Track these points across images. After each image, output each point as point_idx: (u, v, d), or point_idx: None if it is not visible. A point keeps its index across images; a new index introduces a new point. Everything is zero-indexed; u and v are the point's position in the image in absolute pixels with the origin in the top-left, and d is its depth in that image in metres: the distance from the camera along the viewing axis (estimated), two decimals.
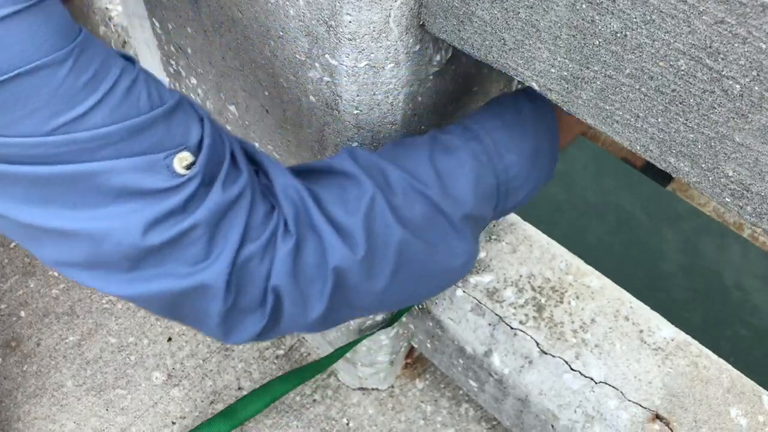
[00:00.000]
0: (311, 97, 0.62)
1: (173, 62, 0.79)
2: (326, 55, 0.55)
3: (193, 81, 0.78)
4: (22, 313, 1.10)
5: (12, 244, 1.18)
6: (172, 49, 0.77)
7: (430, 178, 0.52)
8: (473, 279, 0.85)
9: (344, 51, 0.53)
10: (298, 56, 0.59)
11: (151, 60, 0.86)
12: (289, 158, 0.73)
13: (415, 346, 0.97)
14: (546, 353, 0.80)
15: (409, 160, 0.52)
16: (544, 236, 0.89)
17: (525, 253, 0.87)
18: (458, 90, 0.64)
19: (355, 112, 0.58)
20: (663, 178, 0.85)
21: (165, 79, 0.86)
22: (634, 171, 0.87)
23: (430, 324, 0.88)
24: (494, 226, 0.89)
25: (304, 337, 1.08)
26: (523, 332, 0.81)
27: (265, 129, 0.72)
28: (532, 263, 0.86)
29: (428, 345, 0.92)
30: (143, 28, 0.83)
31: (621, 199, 1.84)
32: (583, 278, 0.85)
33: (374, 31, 0.52)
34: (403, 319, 0.92)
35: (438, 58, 0.58)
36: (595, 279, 0.85)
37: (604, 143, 0.87)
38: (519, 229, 0.89)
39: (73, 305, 1.11)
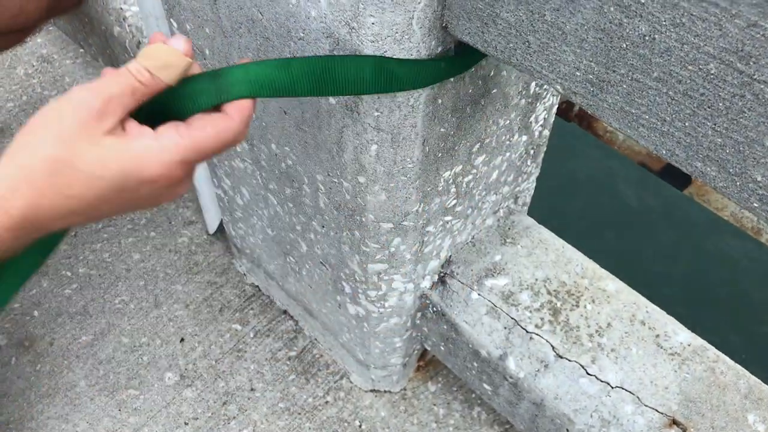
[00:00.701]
0: (331, 100, 0.61)
1: None
2: None
3: None
4: (36, 313, 1.10)
5: None
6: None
7: None
8: (489, 282, 0.84)
9: (366, 53, 0.53)
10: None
11: None
12: (306, 159, 0.73)
13: (429, 348, 0.96)
14: (562, 357, 0.79)
15: None
16: (560, 240, 0.89)
17: (541, 256, 0.87)
18: (477, 92, 0.64)
19: (376, 114, 0.58)
20: (680, 182, 0.84)
21: None
22: (651, 175, 0.86)
23: (445, 327, 0.87)
24: (509, 229, 0.89)
25: (316, 339, 1.08)
26: (539, 336, 0.80)
27: (283, 130, 0.72)
28: (548, 267, 0.86)
29: (442, 348, 0.92)
30: (159, 28, 0.83)
31: (637, 203, 1.84)
32: (599, 282, 0.85)
33: (397, 33, 0.52)
34: (417, 321, 0.91)
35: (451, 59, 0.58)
36: (611, 283, 0.85)
37: (620, 147, 0.86)
38: (534, 232, 0.89)
39: (86, 305, 1.11)
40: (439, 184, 0.70)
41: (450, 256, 0.85)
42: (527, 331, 0.81)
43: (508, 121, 0.73)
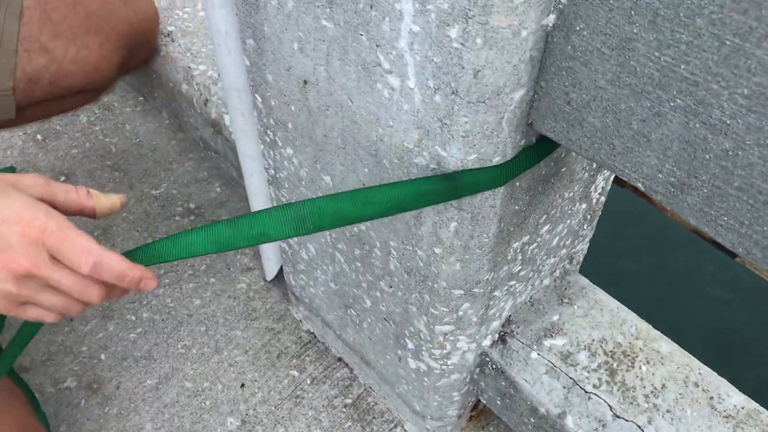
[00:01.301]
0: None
1: (270, 133, 0.85)
2: (436, 147, 0.60)
3: (289, 151, 0.84)
4: (102, 356, 1.15)
5: None
6: (272, 122, 0.82)
7: None
8: (548, 342, 0.88)
9: (456, 146, 0.58)
10: (406, 144, 0.64)
11: (244, 126, 0.92)
12: (380, 227, 0.77)
13: (484, 402, 1.00)
14: (619, 417, 0.83)
15: None
16: (614, 301, 0.93)
17: (596, 317, 0.90)
18: (549, 172, 0.69)
19: None
20: (733, 252, 0.88)
21: (259, 146, 0.91)
22: (702, 240, 0.89)
23: (503, 383, 0.91)
24: (566, 289, 0.93)
25: (371, 387, 1.12)
26: (597, 396, 0.84)
27: None
28: (604, 327, 0.89)
29: (498, 402, 0.96)
30: (241, 99, 0.88)
31: (688, 267, 1.88)
32: (653, 343, 0.88)
33: (487, 130, 0.56)
34: (475, 377, 0.95)
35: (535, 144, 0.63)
36: (664, 344, 0.88)
37: (673, 215, 0.90)
38: (590, 293, 0.93)
39: (150, 349, 1.16)
40: (509, 253, 0.75)
41: (510, 315, 0.89)
42: (585, 391, 0.84)
43: (572, 193, 0.77)
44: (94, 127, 1.48)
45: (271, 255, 1.16)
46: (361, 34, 0.59)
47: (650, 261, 1.91)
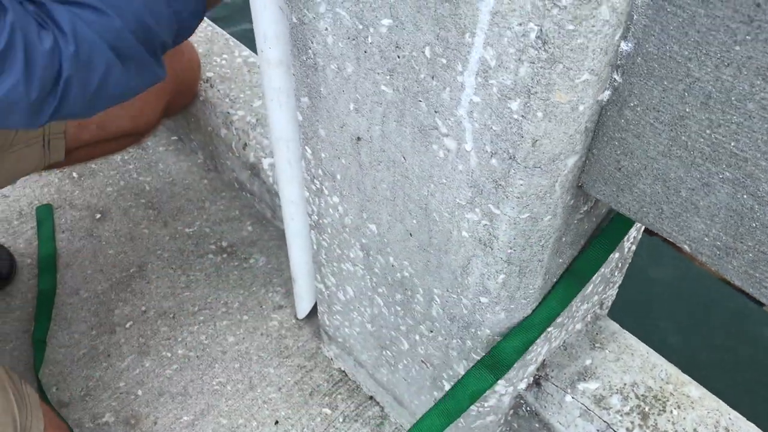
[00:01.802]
0: (464, 233, 0.70)
1: (317, 182, 0.89)
2: (489, 205, 0.64)
3: (335, 200, 0.88)
4: (139, 392, 1.18)
5: (128, 324, 1.27)
6: (320, 172, 0.86)
7: (152, 14, 0.81)
8: (581, 386, 0.91)
9: (510, 205, 0.62)
10: (458, 200, 0.67)
11: (290, 174, 0.96)
12: (425, 275, 0.81)
13: None
14: None
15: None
16: (644, 345, 0.96)
17: (628, 361, 0.93)
18: (591, 227, 0.72)
19: (509, 251, 0.66)
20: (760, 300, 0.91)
21: (303, 193, 0.95)
22: (729, 288, 0.93)
23: (537, 425, 0.94)
24: (597, 334, 0.96)
25: (402, 425, 1.15)
26: None
27: (405, 248, 0.81)
28: (635, 372, 0.92)
29: None
30: (288, 149, 0.92)
31: (714, 313, 1.92)
32: (683, 388, 0.91)
33: (540, 191, 0.60)
34: (509, 418, 0.98)
35: (585, 208, 0.66)
36: (694, 389, 0.91)
37: (702, 264, 0.93)
38: (620, 338, 0.96)
39: (186, 386, 1.19)
40: (540, 298, 0.78)
41: (545, 360, 0.93)
42: None
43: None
44: (128, 166, 1.53)
45: (304, 294, 1.20)
46: (420, 101, 0.63)
47: (677, 305, 1.95)
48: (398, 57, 0.62)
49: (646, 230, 1.00)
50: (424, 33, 0.58)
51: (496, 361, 0.79)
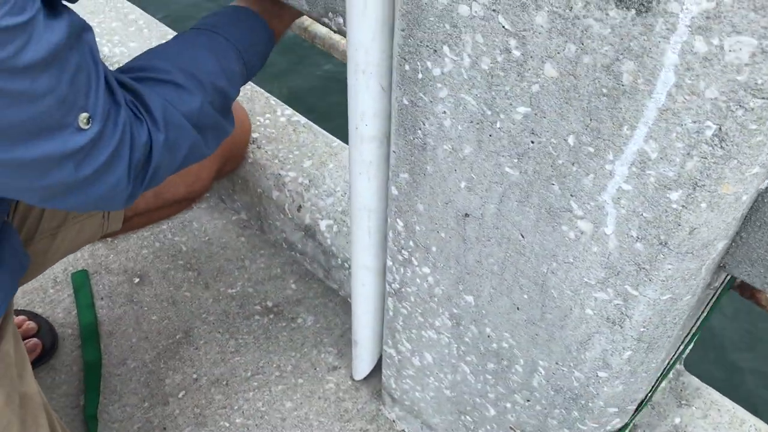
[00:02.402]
0: (588, 311, 0.70)
1: (406, 252, 0.88)
2: (626, 286, 0.64)
3: (426, 270, 0.87)
4: None
5: (180, 394, 1.24)
6: (411, 243, 0.86)
7: (226, 75, 0.84)
8: None
9: (652, 287, 0.62)
10: (586, 280, 0.67)
11: (368, 242, 0.95)
12: (530, 347, 0.80)
13: None
14: None
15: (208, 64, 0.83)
16: (728, 400, 0.96)
17: (716, 418, 0.94)
18: (703, 298, 0.73)
19: (641, 329, 0.66)
20: None
21: (388, 263, 0.94)
22: None
23: None
24: (681, 391, 0.96)
25: None
26: None
27: (509, 321, 0.80)
28: (725, 428, 0.93)
29: None
30: (370, 219, 0.92)
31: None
32: None
33: (686, 275, 0.60)
34: None
35: (716, 284, 0.67)
36: None
37: None
38: (705, 394, 0.96)
39: None
40: (660, 370, 0.78)
41: (635, 421, 0.92)
42: None
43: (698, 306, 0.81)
44: (162, 227, 1.50)
45: (366, 357, 1.18)
46: (553, 184, 0.63)
47: (755, 356, 1.98)
48: (532, 143, 0.62)
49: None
50: (569, 123, 0.58)
51: None
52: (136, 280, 1.41)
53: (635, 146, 0.55)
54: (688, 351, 0.99)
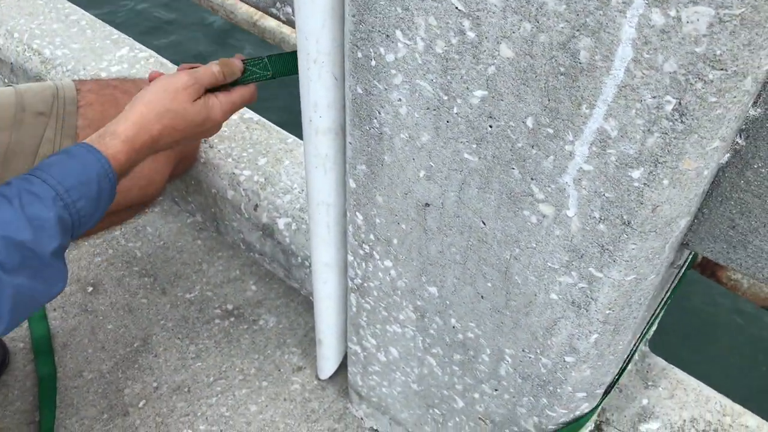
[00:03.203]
0: (553, 296, 0.69)
1: (367, 246, 0.86)
2: (590, 269, 0.63)
3: (388, 263, 0.85)
4: None
5: (140, 403, 1.20)
6: (372, 237, 0.84)
7: (24, 226, 0.70)
8: (643, 427, 0.91)
9: (616, 268, 0.61)
10: (550, 264, 0.66)
11: (327, 237, 0.93)
12: (496, 336, 0.79)
13: None
14: None
15: (4, 212, 0.70)
16: (694, 379, 0.97)
17: (682, 397, 0.94)
18: (673, 277, 0.73)
19: (607, 312, 0.66)
20: None
21: (349, 258, 0.92)
22: None
23: None
24: (648, 372, 0.96)
25: None
26: None
27: (474, 311, 0.79)
28: (692, 407, 0.93)
29: None
30: (329, 213, 0.90)
31: (756, 341, 1.99)
32: (740, 418, 0.92)
33: (651, 254, 0.60)
34: None
35: (680, 262, 0.67)
36: (750, 418, 0.93)
37: (745, 293, 0.95)
38: (670, 374, 0.96)
39: None
40: (627, 352, 0.78)
41: (603, 404, 0.92)
42: None
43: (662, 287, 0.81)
44: (115, 233, 1.45)
45: (330, 355, 1.16)
46: (513, 168, 0.62)
47: (720, 334, 2.01)
48: (490, 127, 0.61)
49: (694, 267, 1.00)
50: (527, 104, 0.57)
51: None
52: (90, 289, 1.36)
53: (595, 125, 0.54)
54: (652, 332, 0.99)
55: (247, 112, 1.34)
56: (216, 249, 1.43)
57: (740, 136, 0.53)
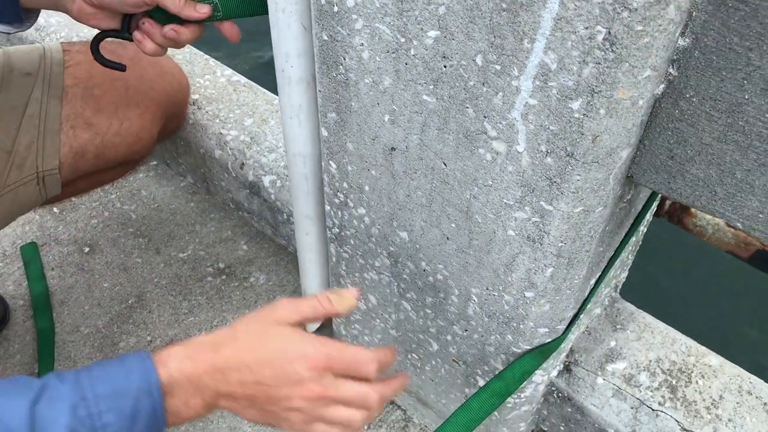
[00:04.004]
0: (510, 232, 0.72)
1: (341, 195, 0.90)
2: (541, 202, 0.67)
3: (361, 211, 0.89)
4: None
5: None
6: (345, 185, 0.87)
7: (23, 427, 0.55)
8: (610, 367, 0.95)
9: (564, 200, 0.65)
10: (505, 201, 0.70)
11: (306, 189, 0.97)
12: (462, 276, 0.83)
13: (545, 429, 1.06)
14: (687, 430, 0.89)
15: (9, 401, 0.57)
16: (661, 323, 1.00)
17: (649, 339, 0.98)
18: (626, 214, 0.76)
19: (560, 245, 0.69)
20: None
21: (321, 207, 0.96)
22: (739, 261, 0.98)
23: (569, 410, 0.97)
24: (617, 316, 1.00)
25: (426, 426, 1.16)
26: (664, 413, 0.91)
27: (441, 252, 0.83)
28: (657, 348, 0.97)
29: (562, 428, 1.02)
30: (305, 165, 0.93)
31: (725, 286, 2.03)
32: (703, 358, 0.96)
33: (595, 185, 0.63)
34: (539, 406, 1.01)
35: (628, 196, 0.70)
36: (714, 358, 0.96)
37: (709, 239, 0.98)
38: (639, 317, 1.00)
39: None
40: (587, 290, 0.81)
41: (572, 346, 0.96)
42: (653, 409, 0.91)
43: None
44: (110, 196, 1.50)
45: None
46: (467, 107, 0.65)
47: (691, 281, 2.05)
48: (445, 67, 0.64)
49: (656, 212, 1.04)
50: (476, 42, 0.60)
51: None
52: (87, 249, 1.41)
53: (536, 59, 0.57)
54: (623, 278, 1.03)
55: (234, 75, 1.37)
56: (208, 211, 1.47)
57: (672, 67, 0.56)
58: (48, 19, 1.51)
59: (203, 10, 0.85)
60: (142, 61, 1.15)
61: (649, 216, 0.93)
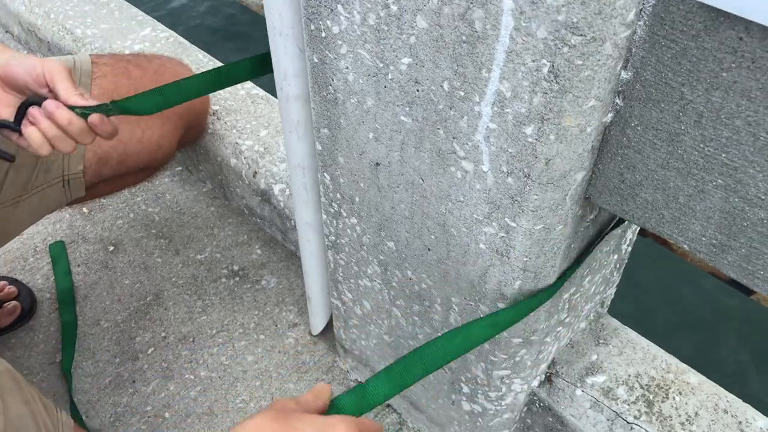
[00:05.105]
0: (481, 245, 0.77)
1: (336, 205, 0.95)
2: (506, 219, 0.71)
3: (353, 221, 0.94)
4: (167, 414, 1.23)
5: (149, 350, 1.32)
6: (339, 196, 0.93)
7: None
8: (590, 380, 0.98)
9: (525, 218, 0.69)
10: (476, 216, 0.74)
11: (306, 198, 1.02)
12: (443, 286, 0.88)
13: None
14: None
15: None
16: (644, 339, 1.03)
17: (630, 354, 1.01)
18: (595, 234, 0.80)
19: (525, 259, 0.74)
20: (746, 289, 0.99)
21: (319, 216, 1.01)
22: (719, 282, 1.01)
23: (550, 419, 1.01)
24: (600, 331, 1.03)
25: (419, 430, 1.21)
26: (639, 426, 0.94)
27: (424, 263, 0.88)
28: (638, 364, 1.00)
29: None
30: (304, 175, 0.99)
31: (705, 306, 2.05)
32: (683, 375, 0.99)
33: (553, 205, 0.67)
34: (522, 414, 1.05)
35: (591, 216, 0.74)
36: (693, 376, 0.99)
37: (693, 260, 1.01)
38: (622, 333, 1.03)
39: (211, 405, 1.24)
40: (560, 304, 0.85)
41: (554, 358, 1.00)
42: (628, 422, 0.94)
43: (608, 248, 0.88)
44: (136, 198, 1.58)
45: (319, 311, 1.26)
46: (439, 128, 0.71)
47: (671, 299, 2.06)
48: (417, 91, 0.70)
49: (640, 231, 1.07)
50: (442, 69, 0.65)
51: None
52: (111, 248, 1.49)
53: (493, 87, 0.62)
54: (609, 295, 1.06)
55: (254, 88, 1.45)
56: (226, 216, 1.54)
57: (618, 97, 0.60)
58: (85, 31, 1.61)
59: (89, 103, 0.81)
60: (165, 74, 1.22)
61: (632, 236, 0.96)
